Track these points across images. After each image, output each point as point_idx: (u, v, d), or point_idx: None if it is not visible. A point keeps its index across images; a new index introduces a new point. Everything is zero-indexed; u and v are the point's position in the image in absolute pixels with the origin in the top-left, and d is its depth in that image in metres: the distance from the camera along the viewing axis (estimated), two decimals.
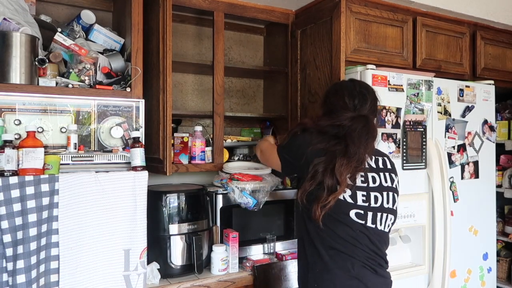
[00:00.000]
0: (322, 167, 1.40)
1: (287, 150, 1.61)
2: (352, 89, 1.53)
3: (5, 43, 1.50)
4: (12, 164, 1.38)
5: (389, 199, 1.47)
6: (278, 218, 2.19)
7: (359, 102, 1.50)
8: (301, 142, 1.53)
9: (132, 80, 1.72)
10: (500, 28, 2.69)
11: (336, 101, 1.53)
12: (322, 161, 1.41)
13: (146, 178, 1.62)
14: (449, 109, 2.23)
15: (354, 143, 1.40)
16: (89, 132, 1.63)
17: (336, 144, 1.43)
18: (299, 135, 1.62)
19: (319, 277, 1.41)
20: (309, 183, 1.41)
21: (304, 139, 1.53)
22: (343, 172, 1.36)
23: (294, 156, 1.56)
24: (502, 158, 2.97)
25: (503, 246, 2.98)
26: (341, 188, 1.37)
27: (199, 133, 2.09)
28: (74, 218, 1.48)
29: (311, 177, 1.41)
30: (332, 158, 1.40)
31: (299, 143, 1.54)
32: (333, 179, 1.37)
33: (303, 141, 1.52)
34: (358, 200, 1.42)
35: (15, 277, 1.34)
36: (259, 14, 2.31)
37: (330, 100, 1.56)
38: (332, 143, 1.43)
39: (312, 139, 1.49)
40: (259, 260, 1.97)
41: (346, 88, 1.55)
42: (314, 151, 1.45)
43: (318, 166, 1.41)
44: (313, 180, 1.40)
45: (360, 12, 2.11)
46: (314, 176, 1.41)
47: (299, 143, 1.54)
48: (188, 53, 2.45)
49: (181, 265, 1.85)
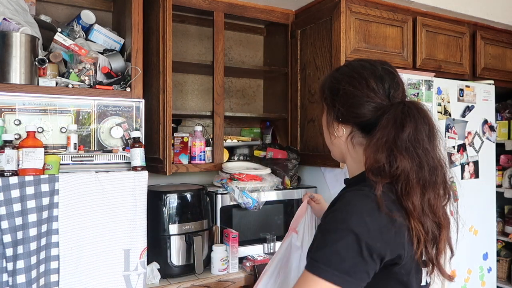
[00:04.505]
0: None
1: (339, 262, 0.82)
2: (373, 68, 0.98)
3: (5, 43, 1.50)
4: (12, 164, 1.38)
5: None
6: (278, 218, 2.19)
7: (391, 85, 0.96)
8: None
9: (132, 80, 1.72)
10: (500, 28, 2.69)
11: (357, 91, 0.95)
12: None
13: (146, 178, 1.62)
14: (449, 109, 2.22)
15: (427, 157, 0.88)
16: (89, 132, 1.63)
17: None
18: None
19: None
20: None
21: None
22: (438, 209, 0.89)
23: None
24: (502, 158, 2.97)
25: (503, 246, 2.97)
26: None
27: (199, 133, 2.09)
28: (74, 218, 1.48)
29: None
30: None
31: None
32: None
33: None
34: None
35: (15, 277, 1.34)
36: (259, 14, 2.31)
37: (346, 90, 0.96)
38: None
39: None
40: (259, 260, 1.97)
41: (364, 67, 0.98)
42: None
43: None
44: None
45: (360, 12, 2.11)
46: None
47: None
48: (188, 53, 2.45)
49: (181, 265, 1.85)
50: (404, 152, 0.86)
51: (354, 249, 0.81)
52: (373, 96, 0.94)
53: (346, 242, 0.81)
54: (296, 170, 2.27)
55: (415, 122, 0.88)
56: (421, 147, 0.87)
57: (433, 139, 0.90)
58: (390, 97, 0.95)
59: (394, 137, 0.87)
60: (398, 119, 0.88)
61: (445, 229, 0.89)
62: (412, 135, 0.87)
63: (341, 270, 0.80)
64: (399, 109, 0.89)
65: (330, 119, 1.02)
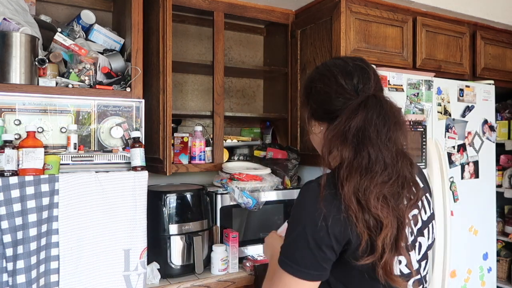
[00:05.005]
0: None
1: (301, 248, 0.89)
2: (344, 65, 1.00)
3: (5, 43, 1.50)
4: (12, 164, 1.38)
5: (429, 235, 1.02)
6: (278, 218, 2.19)
7: (360, 80, 0.97)
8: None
9: (132, 80, 1.72)
10: (500, 28, 2.69)
11: (326, 88, 0.98)
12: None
13: (146, 178, 1.62)
14: (449, 109, 2.22)
15: (374, 147, 0.88)
16: (89, 132, 1.63)
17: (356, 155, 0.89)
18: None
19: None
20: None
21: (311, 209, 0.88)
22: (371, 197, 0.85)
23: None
24: (502, 158, 2.97)
25: (503, 246, 2.97)
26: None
27: (199, 133, 2.09)
28: (74, 218, 1.48)
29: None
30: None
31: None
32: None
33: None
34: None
35: (15, 277, 1.34)
36: (259, 14, 2.31)
37: (317, 88, 1.01)
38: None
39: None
40: (259, 260, 1.97)
41: (336, 65, 1.01)
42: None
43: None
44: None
45: (360, 12, 2.11)
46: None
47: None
48: (188, 53, 2.45)
49: (181, 265, 1.85)
50: (348, 142, 0.88)
51: (303, 241, 0.86)
52: (341, 92, 0.96)
53: (297, 234, 0.88)
54: (296, 170, 2.27)
55: (367, 112, 0.89)
56: (369, 136, 0.88)
57: (393, 130, 0.90)
58: (359, 92, 0.96)
59: (344, 127, 0.89)
60: (351, 109, 0.91)
61: (389, 224, 0.85)
62: (361, 125, 0.88)
63: (295, 261, 0.87)
64: (357, 101, 0.92)
65: (308, 117, 1.06)
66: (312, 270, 0.87)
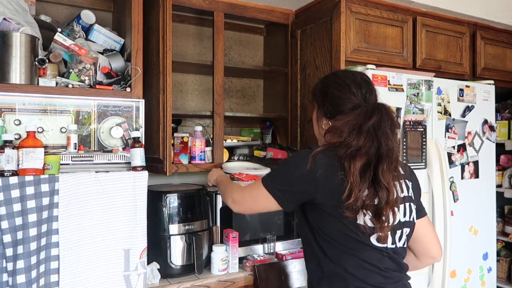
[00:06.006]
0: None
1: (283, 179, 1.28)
2: (354, 78, 1.31)
3: (5, 43, 1.50)
4: (12, 164, 1.38)
5: (406, 212, 1.28)
6: (278, 218, 2.19)
7: (367, 91, 1.29)
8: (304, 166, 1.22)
9: (132, 80, 1.72)
10: (500, 28, 2.69)
11: (341, 93, 1.28)
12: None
13: (146, 178, 1.62)
14: (449, 109, 2.22)
15: (387, 140, 1.18)
16: (89, 132, 1.63)
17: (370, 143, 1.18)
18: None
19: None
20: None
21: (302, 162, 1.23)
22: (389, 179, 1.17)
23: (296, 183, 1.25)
24: (502, 158, 2.97)
25: (503, 246, 2.98)
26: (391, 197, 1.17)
27: (199, 133, 2.09)
28: (74, 218, 1.48)
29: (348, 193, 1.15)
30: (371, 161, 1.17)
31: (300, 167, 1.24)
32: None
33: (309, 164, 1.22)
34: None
35: (15, 277, 1.34)
36: (259, 14, 2.31)
37: (333, 93, 1.30)
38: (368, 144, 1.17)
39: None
40: (259, 260, 1.97)
41: (347, 76, 1.32)
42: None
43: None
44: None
45: (360, 12, 2.11)
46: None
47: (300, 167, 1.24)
48: (188, 53, 2.45)
49: (181, 265, 1.85)
50: (364, 134, 1.17)
51: (285, 178, 1.26)
52: (353, 98, 1.28)
53: (282, 171, 1.29)
54: None
55: (381, 115, 1.20)
56: (382, 132, 1.18)
57: (393, 129, 1.22)
58: (366, 99, 1.28)
59: (361, 123, 1.18)
60: (368, 111, 1.21)
61: (386, 192, 1.16)
62: (377, 124, 1.18)
63: (273, 182, 1.29)
64: (371, 106, 1.23)
65: (320, 116, 1.37)
66: (283, 199, 1.27)
